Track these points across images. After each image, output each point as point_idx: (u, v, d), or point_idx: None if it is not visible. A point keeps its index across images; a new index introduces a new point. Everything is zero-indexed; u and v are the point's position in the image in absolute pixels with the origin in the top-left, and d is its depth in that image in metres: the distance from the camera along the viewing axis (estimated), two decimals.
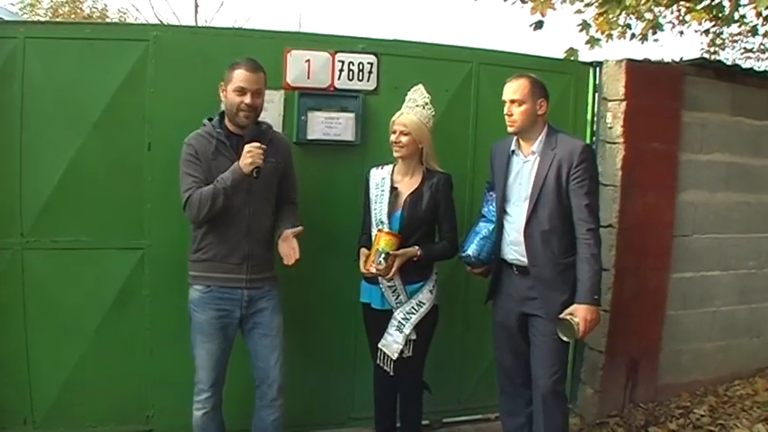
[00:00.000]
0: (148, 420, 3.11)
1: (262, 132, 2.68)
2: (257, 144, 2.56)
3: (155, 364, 3.07)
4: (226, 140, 2.65)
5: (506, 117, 2.76)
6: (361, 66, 3.21)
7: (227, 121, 2.70)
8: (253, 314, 2.73)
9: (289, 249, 2.64)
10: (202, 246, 2.67)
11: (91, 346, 3.00)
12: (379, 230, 2.81)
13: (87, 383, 3.01)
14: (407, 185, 2.92)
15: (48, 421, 2.99)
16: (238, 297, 2.68)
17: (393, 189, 2.91)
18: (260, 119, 2.75)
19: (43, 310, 2.94)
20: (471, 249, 2.95)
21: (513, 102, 2.73)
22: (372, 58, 3.23)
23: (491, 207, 2.97)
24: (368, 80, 3.23)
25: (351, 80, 3.21)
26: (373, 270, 2.77)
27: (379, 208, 2.88)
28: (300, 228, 2.70)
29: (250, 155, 2.54)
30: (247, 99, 2.60)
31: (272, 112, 3.09)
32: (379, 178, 2.95)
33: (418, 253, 2.83)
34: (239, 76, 2.60)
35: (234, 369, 2.80)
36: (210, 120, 2.71)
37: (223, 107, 2.71)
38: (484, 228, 2.97)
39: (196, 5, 14.49)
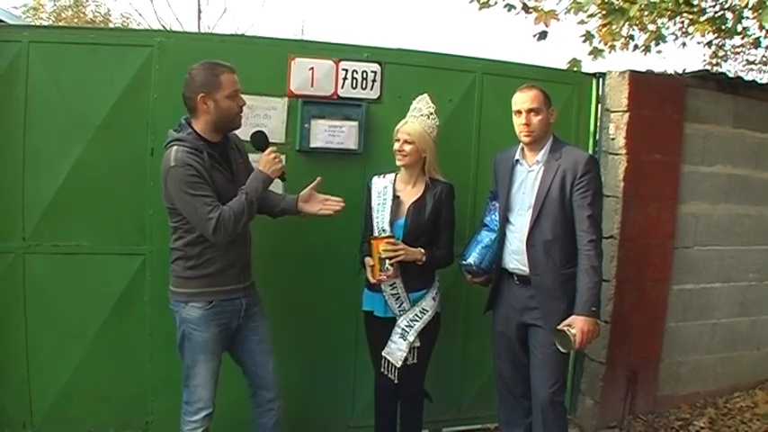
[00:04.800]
0: (148, 426, 3.10)
1: (260, 135, 2.64)
2: (275, 148, 2.60)
3: (155, 370, 3.06)
4: (213, 151, 2.47)
5: (523, 127, 2.74)
6: (364, 74, 3.22)
7: (199, 132, 2.47)
8: (247, 321, 2.67)
9: (326, 203, 2.72)
10: (202, 261, 2.50)
11: (91, 350, 2.99)
12: (375, 239, 2.80)
13: (87, 388, 3.01)
14: (410, 194, 2.92)
15: (46, 425, 2.99)
16: (237, 308, 2.61)
17: (395, 198, 2.91)
18: (262, 127, 2.75)
19: (44, 314, 2.94)
20: (473, 258, 2.94)
21: (530, 111, 2.72)
22: (376, 67, 3.23)
23: (493, 216, 2.97)
24: (371, 89, 3.23)
25: (354, 88, 3.21)
26: (384, 278, 2.78)
27: (381, 216, 2.88)
28: (320, 179, 2.77)
29: (277, 159, 2.55)
30: (241, 100, 2.52)
31: (276, 119, 3.10)
32: (381, 187, 2.95)
33: (423, 258, 2.82)
34: (229, 79, 2.45)
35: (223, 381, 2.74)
36: (176, 131, 2.47)
37: (191, 121, 2.50)
38: (486, 237, 2.97)
39: (199, 11, 14.59)
